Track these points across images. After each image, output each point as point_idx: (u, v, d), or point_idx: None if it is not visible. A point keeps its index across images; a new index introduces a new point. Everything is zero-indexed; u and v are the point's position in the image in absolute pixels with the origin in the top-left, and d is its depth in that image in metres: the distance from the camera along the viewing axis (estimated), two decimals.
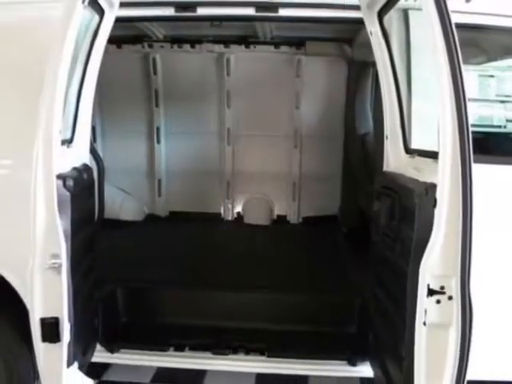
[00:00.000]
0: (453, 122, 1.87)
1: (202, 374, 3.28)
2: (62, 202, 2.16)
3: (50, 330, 2.15)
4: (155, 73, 4.82)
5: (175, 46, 4.58)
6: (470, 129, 1.87)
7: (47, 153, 2.10)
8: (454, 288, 1.92)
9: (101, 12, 2.56)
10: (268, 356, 2.92)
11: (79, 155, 2.67)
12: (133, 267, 3.55)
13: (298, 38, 4.49)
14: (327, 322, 3.20)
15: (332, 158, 4.90)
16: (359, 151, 4.41)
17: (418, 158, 2.49)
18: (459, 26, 1.93)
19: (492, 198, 2.34)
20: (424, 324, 1.95)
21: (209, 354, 2.94)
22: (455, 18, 1.89)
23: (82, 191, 2.48)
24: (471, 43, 3.01)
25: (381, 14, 2.59)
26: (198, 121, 5.01)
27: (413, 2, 2.32)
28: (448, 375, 1.98)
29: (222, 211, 5.16)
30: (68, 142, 2.57)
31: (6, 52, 2.59)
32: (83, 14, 2.23)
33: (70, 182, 2.25)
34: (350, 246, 4.14)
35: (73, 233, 2.25)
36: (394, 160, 2.70)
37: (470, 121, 1.87)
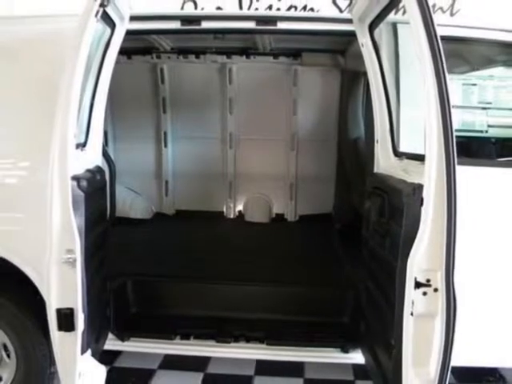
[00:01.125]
0: (438, 127, 1.86)
1: (206, 360, 3.29)
2: (77, 202, 2.16)
3: (66, 320, 2.14)
4: (163, 82, 4.82)
5: (181, 57, 4.57)
6: (454, 133, 1.87)
7: (62, 156, 2.10)
8: (439, 281, 1.92)
9: (112, 25, 2.56)
10: (267, 344, 2.92)
11: (92, 158, 2.66)
12: (142, 261, 3.55)
13: (294, 50, 4.48)
14: (322, 313, 3.20)
15: (326, 161, 4.89)
16: (352, 154, 4.41)
17: (406, 161, 2.49)
18: (444, 38, 1.93)
19: (474, 198, 2.34)
20: (411, 314, 1.95)
21: (212, 342, 2.94)
22: (440, 31, 1.89)
23: (94, 191, 2.48)
24: (455, 54, 3.01)
25: (371, 27, 2.59)
26: (203, 126, 5.00)
27: (401, 16, 2.32)
28: (434, 362, 1.97)
29: (224, 210, 5.15)
30: (82, 145, 2.57)
31: (25, 63, 2.60)
32: (96, 28, 2.23)
33: (84, 183, 2.25)
34: (343, 242, 4.12)
35: (86, 230, 2.25)
36: (384, 162, 2.70)
37: (454, 126, 1.87)
